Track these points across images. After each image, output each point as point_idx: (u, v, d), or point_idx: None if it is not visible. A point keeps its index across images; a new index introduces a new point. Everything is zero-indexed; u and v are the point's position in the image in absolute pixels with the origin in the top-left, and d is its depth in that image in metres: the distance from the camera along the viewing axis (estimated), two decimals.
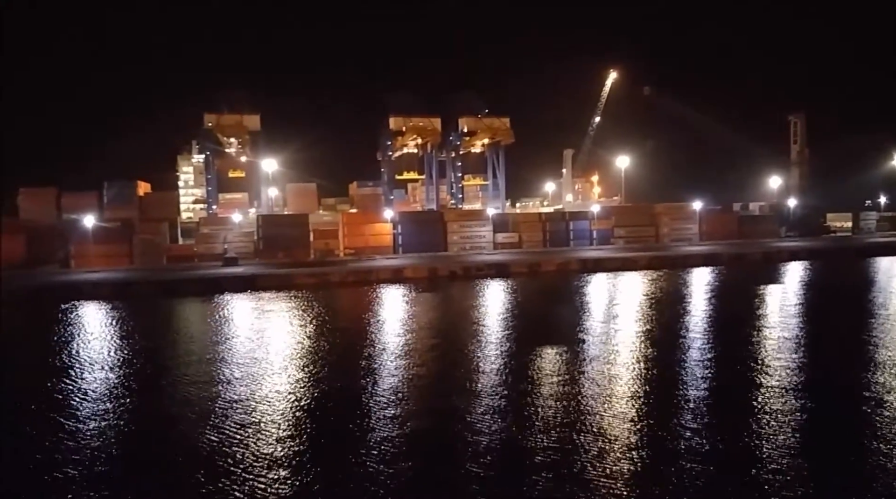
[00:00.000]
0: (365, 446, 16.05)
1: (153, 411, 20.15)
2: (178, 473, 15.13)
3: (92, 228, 67.58)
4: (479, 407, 18.88)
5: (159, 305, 44.97)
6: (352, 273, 56.79)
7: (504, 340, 28.96)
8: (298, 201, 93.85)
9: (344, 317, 39.72)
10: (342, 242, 74.40)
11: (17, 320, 41.24)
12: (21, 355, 30.15)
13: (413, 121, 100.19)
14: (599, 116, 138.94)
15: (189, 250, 71.42)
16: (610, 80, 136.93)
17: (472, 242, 77.92)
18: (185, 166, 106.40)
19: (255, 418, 18.56)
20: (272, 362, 25.63)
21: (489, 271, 57.85)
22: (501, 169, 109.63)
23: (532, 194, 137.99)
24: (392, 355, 26.42)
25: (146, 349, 29.80)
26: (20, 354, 30.41)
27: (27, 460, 16.00)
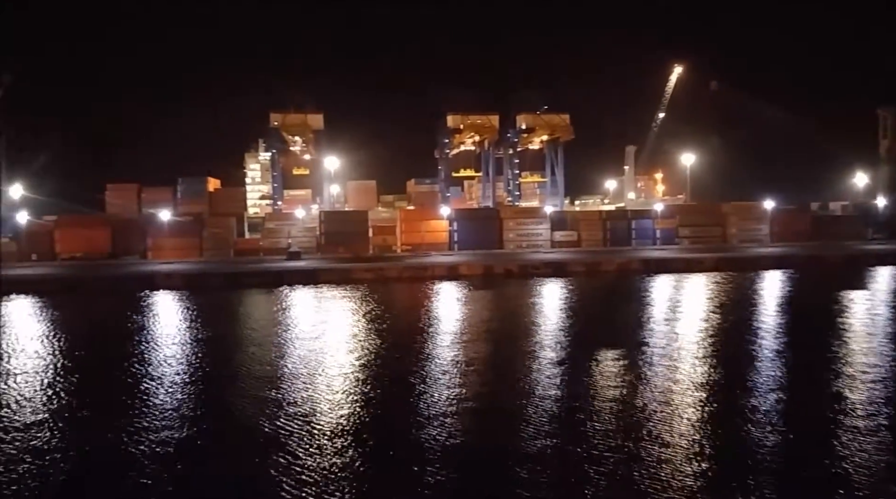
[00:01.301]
0: (412, 445, 16.34)
1: (214, 397, 21.61)
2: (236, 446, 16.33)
3: (167, 221, 71.28)
4: (531, 408, 18.82)
5: (226, 295, 47.27)
6: (408, 269, 57.97)
7: (559, 340, 28.90)
8: (358, 198, 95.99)
9: (399, 312, 40.71)
10: (399, 238, 75.78)
11: (102, 306, 44.44)
12: (103, 338, 32.51)
13: (471, 118, 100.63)
14: (663, 112, 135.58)
15: (255, 244, 74.29)
16: (675, 76, 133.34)
17: (528, 240, 77.85)
18: (253, 164, 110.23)
19: (312, 409, 19.66)
20: (329, 354, 26.87)
21: (546, 270, 57.68)
22: (560, 166, 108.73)
23: (592, 192, 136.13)
24: (444, 353, 27.07)
25: (212, 336, 31.67)
26: (102, 337, 32.78)
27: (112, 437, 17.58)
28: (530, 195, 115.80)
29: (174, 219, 73.05)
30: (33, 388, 22.44)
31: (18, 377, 23.80)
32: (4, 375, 24.18)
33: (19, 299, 46.22)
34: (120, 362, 25.99)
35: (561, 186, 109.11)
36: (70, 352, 28.63)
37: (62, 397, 21.37)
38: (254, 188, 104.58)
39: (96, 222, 72.88)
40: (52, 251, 67.84)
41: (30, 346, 29.98)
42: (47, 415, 19.50)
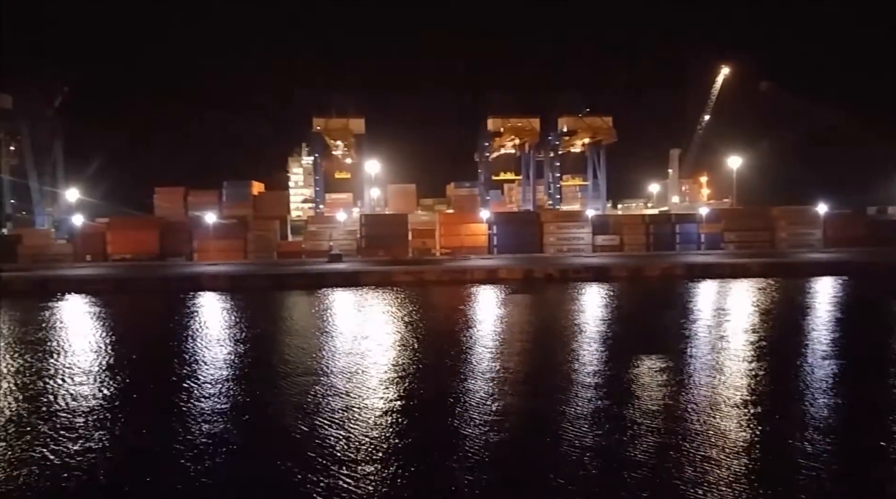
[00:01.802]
0: (450, 448, 16.32)
1: (258, 395, 22.00)
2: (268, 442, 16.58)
3: (212, 224, 72.98)
4: (570, 415, 18.60)
5: (269, 297, 48.11)
6: (447, 272, 58.03)
7: (600, 346, 28.49)
8: (398, 201, 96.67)
9: (438, 315, 40.79)
10: (438, 241, 75.93)
11: (150, 306, 45.79)
12: (153, 337, 33.45)
13: (511, 121, 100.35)
14: (709, 114, 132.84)
15: (297, 247, 75.45)
16: (721, 76, 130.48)
17: (569, 244, 77.06)
18: (296, 168, 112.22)
19: (351, 407, 19.84)
20: (369, 355, 27.07)
21: (587, 275, 56.90)
22: (602, 169, 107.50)
23: (635, 196, 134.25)
24: (483, 356, 27.02)
25: (256, 336, 32.27)
26: (152, 336, 33.74)
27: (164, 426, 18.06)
28: (571, 199, 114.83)
29: (219, 222, 74.74)
30: (87, 385, 23.20)
31: (72, 374, 24.66)
32: (59, 371, 25.08)
33: (75, 298, 47.96)
34: (169, 360, 26.72)
35: (603, 189, 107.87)
36: (121, 350, 29.53)
37: (113, 394, 22.02)
38: (296, 192, 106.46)
39: (145, 225, 75.22)
40: (104, 252, 70.18)
41: (83, 343, 31.05)
42: (99, 411, 20.12)
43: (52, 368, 25.51)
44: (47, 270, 60.47)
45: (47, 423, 18.87)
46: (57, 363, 26.49)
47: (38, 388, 22.78)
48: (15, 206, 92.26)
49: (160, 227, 74.12)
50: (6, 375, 24.79)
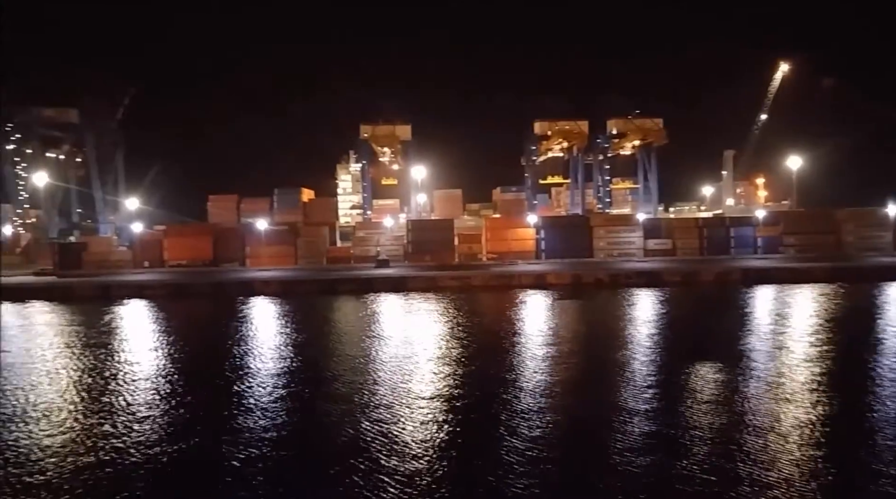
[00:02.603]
0: (497, 456, 16.14)
1: (307, 398, 22.23)
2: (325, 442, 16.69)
3: (264, 230, 74.63)
4: (621, 422, 18.22)
5: (319, 301, 48.77)
6: (494, 277, 57.73)
7: (653, 353, 27.83)
8: (444, 207, 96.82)
9: (484, 320, 40.54)
10: (485, 246, 75.68)
11: (206, 311, 47.08)
12: (208, 341, 34.30)
13: (559, 124, 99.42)
14: (766, 114, 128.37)
15: (346, 252, 76.40)
16: (780, 73, 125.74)
17: (619, 248, 75.68)
18: (344, 175, 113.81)
19: (399, 411, 19.85)
20: (416, 359, 27.09)
21: (638, 280, 55.78)
22: (653, 172, 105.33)
23: (687, 198, 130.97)
24: (530, 362, 26.70)
25: (307, 341, 32.71)
26: (207, 340, 34.61)
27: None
28: (621, 202, 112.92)
29: (271, 228, 76.33)
30: (145, 386, 23.93)
31: (131, 375, 25.48)
32: (118, 373, 25.95)
33: (135, 303, 49.69)
34: (225, 363, 27.38)
35: (654, 192, 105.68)
36: (179, 353, 30.41)
37: (170, 395, 22.65)
38: (345, 198, 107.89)
39: (200, 231, 77.39)
40: (161, 258, 72.54)
41: (144, 346, 32.10)
42: (157, 411, 20.73)
43: (118, 370, 26.43)
44: (109, 275, 62.90)
45: (116, 417, 19.54)
46: (121, 365, 27.44)
47: (104, 387, 23.62)
48: (81, 214, 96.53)
49: (214, 233, 76.18)
50: (74, 375, 25.79)
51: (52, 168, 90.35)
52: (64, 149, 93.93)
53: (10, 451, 17.45)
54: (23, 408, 21.40)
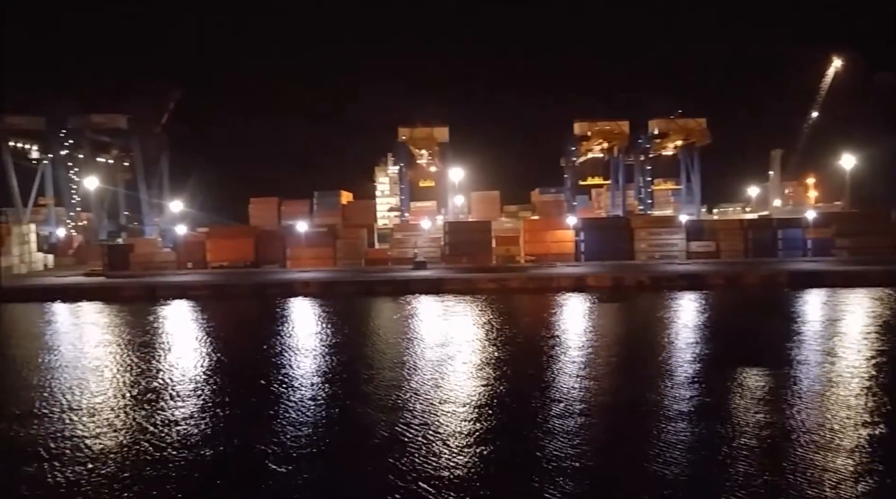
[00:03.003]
0: (535, 463, 15.90)
1: (345, 398, 22.31)
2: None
3: (304, 232, 75.56)
4: (664, 431, 17.71)
5: (358, 303, 49.07)
6: (532, 280, 57.19)
7: (695, 357, 27.14)
8: (482, 208, 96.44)
9: (521, 323, 40.18)
10: (523, 248, 75.04)
11: (247, 311, 47.87)
12: (249, 340, 34.82)
13: (599, 125, 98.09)
14: (817, 111, 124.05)
15: (384, 254, 76.73)
16: (832, 69, 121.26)
17: (661, 250, 74.14)
18: (382, 177, 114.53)
19: (437, 417, 19.73)
20: (454, 362, 26.94)
21: (681, 283, 54.41)
22: (696, 172, 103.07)
23: (732, 199, 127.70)
24: (569, 366, 26.31)
25: (346, 341, 32.90)
26: (248, 340, 35.13)
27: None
28: (663, 203, 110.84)
29: (310, 230, 77.21)
30: (187, 384, 24.37)
31: (174, 374, 26.01)
32: (161, 371, 26.51)
33: (179, 303, 50.82)
34: (265, 362, 27.76)
35: (697, 193, 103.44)
36: (219, 352, 30.93)
37: (212, 394, 23.03)
38: (383, 201, 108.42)
39: (242, 233, 78.74)
40: (204, 260, 74.04)
41: (184, 345, 32.78)
42: (197, 410, 21.07)
43: (162, 368, 27.03)
44: (154, 276, 64.51)
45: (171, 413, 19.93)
46: (165, 363, 28.06)
47: (149, 384, 24.16)
48: (128, 217, 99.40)
49: (255, 235, 77.42)
50: (121, 372, 26.45)
51: (101, 172, 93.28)
52: (112, 153, 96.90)
53: (57, 443, 17.92)
54: (71, 403, 21.99)
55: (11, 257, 71.97)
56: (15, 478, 15.86)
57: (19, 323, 44.36)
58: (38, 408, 21.72)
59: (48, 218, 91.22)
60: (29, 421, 20.28)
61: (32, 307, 49.64)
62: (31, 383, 25.39)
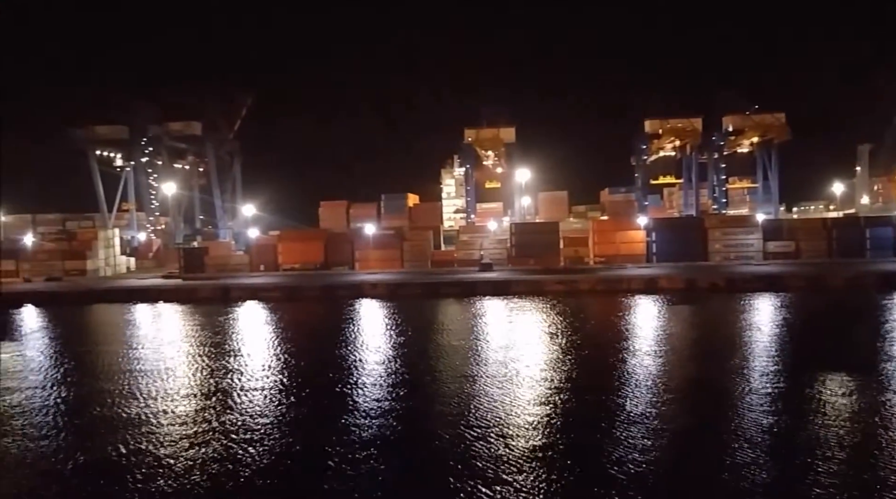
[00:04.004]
0: (607, 472, 15.42)
1: (415, 398, 22.16)
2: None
3: (372, 235, 76.53)
4: (744, 442, 16.80)
5: (424, 304, 49.09)
6: (601, 281, 55.84)
7: (776, 362, 25.89)
8: (549, 209, 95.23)
9: (591, 326, 39.18)
10: (592, 249, 73.52)
11: (318, 313, 48.74)
12: (321, 341, 35.35)
13: (671, 122, 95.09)
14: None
15: (450, 256, 76.78)
16: None
17: (737, 251, 71.17)
18: (448, 179, 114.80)
19: (506, 416, 19.32)
20: (521, 364, 26.42)
21: (758, 284, 52.05)
22: (774, 170, 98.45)
23: (813, 197, 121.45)
24: (641, 371, 25.42)
25: (414, 342, 32.88)
26: (320, 340, 35.67)
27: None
28: (739, 202, 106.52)
29: (378, 233, 78.12)
30: (257, 383, 24.83)
31: (245, 373, 26.57)
32: (232, 371, 27.14)
33: (252, 304, 52.26)
34: (333, 363, 28.03)
35: (775, 191, 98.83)
36: (290, 352, 31.48)
37: (279, 393, 23.36)
38: (449, 202, 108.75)
39: (312, 236, 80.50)
40: (275, 262, 76.07)
41: (256, 345, 33.53)
42: (266, 408, 21.39)
43: (235, 366, 27.73)
44: (228, 278, 66.61)
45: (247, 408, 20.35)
46: (238, 361, 28.77)
47: (222, 380, 24.77)
48: (203, 221, 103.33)
49: (325, 238, 78.99)
50: (196, 370, 27.27)
51: (178, 178, 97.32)
52: (188, 159, 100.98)
53: (137, 434, 18.53)
54: (149, 400, 22.75)
55: (98, 260, 75.98)
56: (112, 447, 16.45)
57: (104, 323, 46.65)
58: (116, 406, 22.60)
59: (130, 223, 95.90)
60: (104, 424, 21.12)
61: (116, 308, 52.11)
62: (111, 382, 26.46)
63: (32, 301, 55.92)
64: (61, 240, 77.81)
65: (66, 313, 49.81)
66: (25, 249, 74.21)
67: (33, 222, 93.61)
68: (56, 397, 24.03)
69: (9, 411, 22.37)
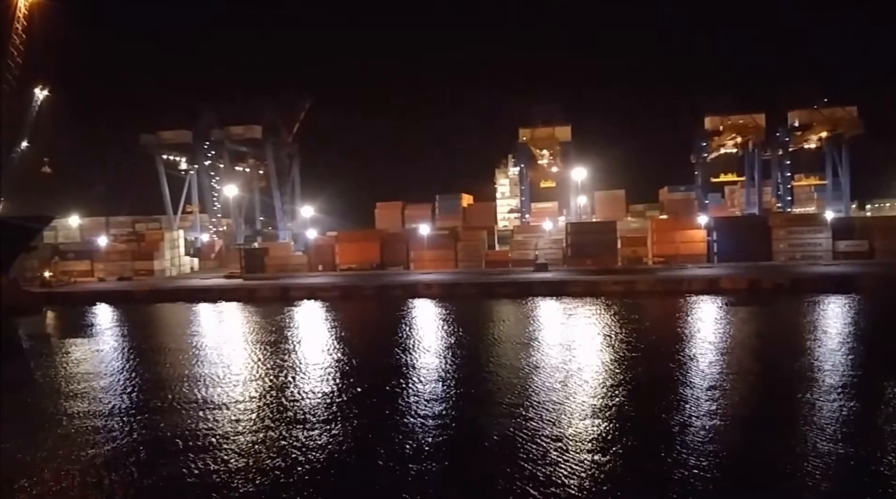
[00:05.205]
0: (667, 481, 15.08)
1: (465, 399, 22.22)
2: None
3: (426, 235, 77.03)
4: (818, 456, 16.07)
5: (479, 305, 49.08)
6: (660, 282, 54.61)
7: (850, 369, 24.76)
8: (606, 208, 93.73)
9: (650, 328, 38.26)
10: (651, 249, 71.99)
11: (374, 312, 49.40)
12: (378, 340, 35.85)
13: (732, 118, 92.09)
14: None
15: (504, 256, 76.52)
16: None
17: (803, 250, 68.41)
18: (502, 179, 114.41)
19: (564, 423, 19.15)
20: (577, 367, 26.13)
21: (826, 285, 49.86)
22: (845, 166, 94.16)
23: (889, 194, 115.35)
24: (701, 377, 24.71)
25: (467, 343, 32.95)
26: (377, 339, 36.18)
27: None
28: (805, 200, 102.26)
29: (432, 233, 78.56)
30: (313, 379, 25.39)
31: (302, 370, 27.19)
32: (289, 369, 27.81)
33: (311, 303, 53.41)
34: (388, 362, 28.40)
35: (845, 188, 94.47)
36: (346, 352, 32.02)
37: (334, 390, 23.81)
38: (503, 202, 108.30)
39: (368, 237, 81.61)
40: (333, 262, 77.49)
41: (312, 344, 34.26)
42: (321, 404, 21.85)
43: (294, 361, 28.45)
44: (287, 278, 68.22)
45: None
46: (297, 360, 29.50)
47: (279, 375, 25.45)
48: (263, 222, 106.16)
49: (381, 239, 79.98)
50: (257, 364, 28.09)
51: (239, 180, 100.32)
52: (249, 162, 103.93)
53: (203, 424, 19.23)
54: (210, 393, 23.56)
55: (164, 261, 79.04)
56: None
57: (170, 321, 48.53)
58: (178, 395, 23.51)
59: (194, 224, 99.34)
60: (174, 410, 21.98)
61: (181, 307, 54.15)
62: (182, 372, 27.53)
63: (106, 300, 58.72)
64: (131, 241, 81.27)
65: (138, 311, 52.12)
66: (99, 250, 77.87)
67: (107, 225, 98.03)
68: (140, 383, 25.27)
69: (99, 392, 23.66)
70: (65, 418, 21.64)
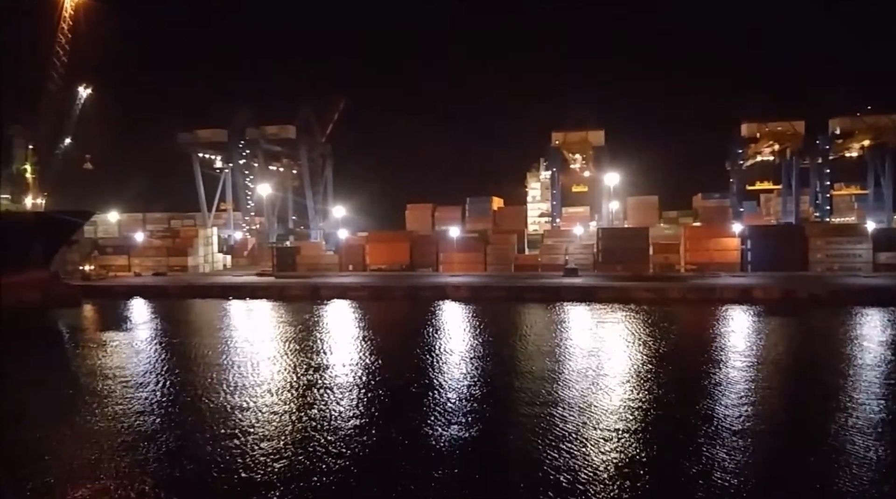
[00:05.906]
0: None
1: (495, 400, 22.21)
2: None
3: (456, 238, 77.10)
4: (854, 476, 15.99)
5: (507, 308, 48.96)
6: (692, 290, 53.82)
7: (876, 386, 24.29)
8: (639, 214, 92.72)
9: (680, 337, 37.75)
10: (683, 256, 70.95)
11: (403, 313, 49.62)
12: (406, 340, 36.04)
13: (769, 126, 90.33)
14: None
15: (534, 260, 76.19)
16: None
17: (841, 261, 66.71)
18: (533, 182, 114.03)
19: (590, 427, 19.03)
20: (600, 378, 25.92)
21: (865, 297, 48.61)
22: (888, 175, 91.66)
23: None
24: (728, 391, 24.30)
25: (496, 346, 32.92)
26: (405, 339, 36.39)
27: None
28: (844, 210, 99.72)
29: (462, 235, 78.60)
30: (341, 378, 25.64)
31: (330, 368, 27.48)
32: (316, 368, 28.13)
33: (340, 303, 53.91)
34: (415, 363, 28.53)
35: (888, 198, 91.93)
36: (374, 351, 32.28)
37: (361, 389, 24.02)
38: (534, 206, 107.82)
39: (398, 238, 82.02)
40: (363, 263, 78.07)
41: (341, 343, 34.58)
42: (346, 402, 22.06)
43: (320, 363, 28.77)
44: (318, 277, 68.93)
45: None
46: (326, 358, 29.83)
47: (308, 370, 25.78)
48: (295, 221, 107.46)
49: (411, 240, 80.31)
50: (287, 361, 28.50)
51: (272, 180, 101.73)
52: (283, 162, 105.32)
53: (233, 416, 19.56)
54: (249, 386, 23.96)
55: (198, 257, 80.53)
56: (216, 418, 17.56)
57: (202, 317, 49.43)
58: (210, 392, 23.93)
59: (227, 222, 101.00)
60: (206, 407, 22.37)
61: (212, 303, 55.12)
62: (211, 368, 28.05)
63: (142, 294, 60.08)
64: (167, 237, 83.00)
65: (172, 306, 53.21)
66: (136, 245, 79.68)
67: (143, 221, 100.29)
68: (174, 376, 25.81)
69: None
70: (96, 407, 22.25)
